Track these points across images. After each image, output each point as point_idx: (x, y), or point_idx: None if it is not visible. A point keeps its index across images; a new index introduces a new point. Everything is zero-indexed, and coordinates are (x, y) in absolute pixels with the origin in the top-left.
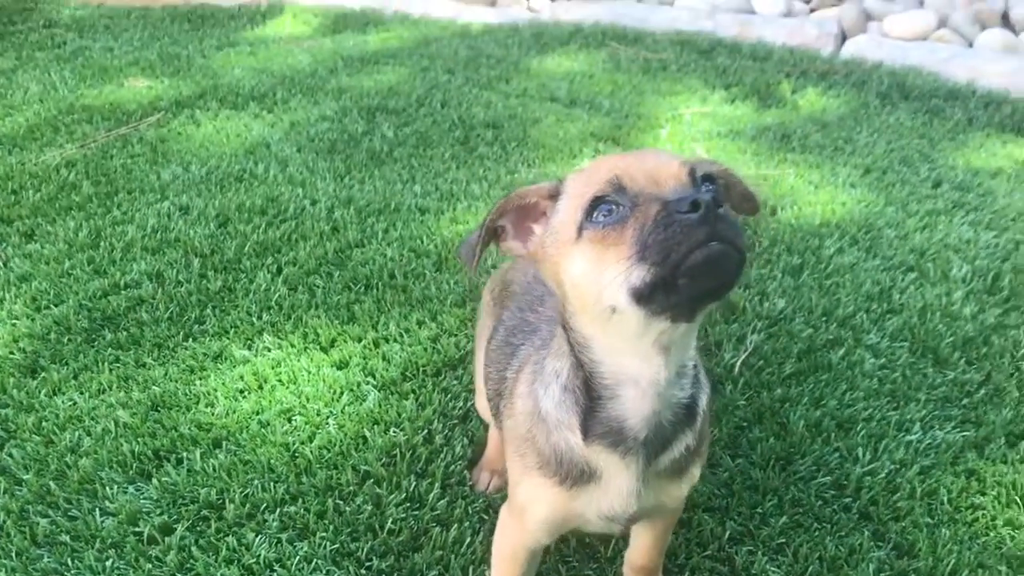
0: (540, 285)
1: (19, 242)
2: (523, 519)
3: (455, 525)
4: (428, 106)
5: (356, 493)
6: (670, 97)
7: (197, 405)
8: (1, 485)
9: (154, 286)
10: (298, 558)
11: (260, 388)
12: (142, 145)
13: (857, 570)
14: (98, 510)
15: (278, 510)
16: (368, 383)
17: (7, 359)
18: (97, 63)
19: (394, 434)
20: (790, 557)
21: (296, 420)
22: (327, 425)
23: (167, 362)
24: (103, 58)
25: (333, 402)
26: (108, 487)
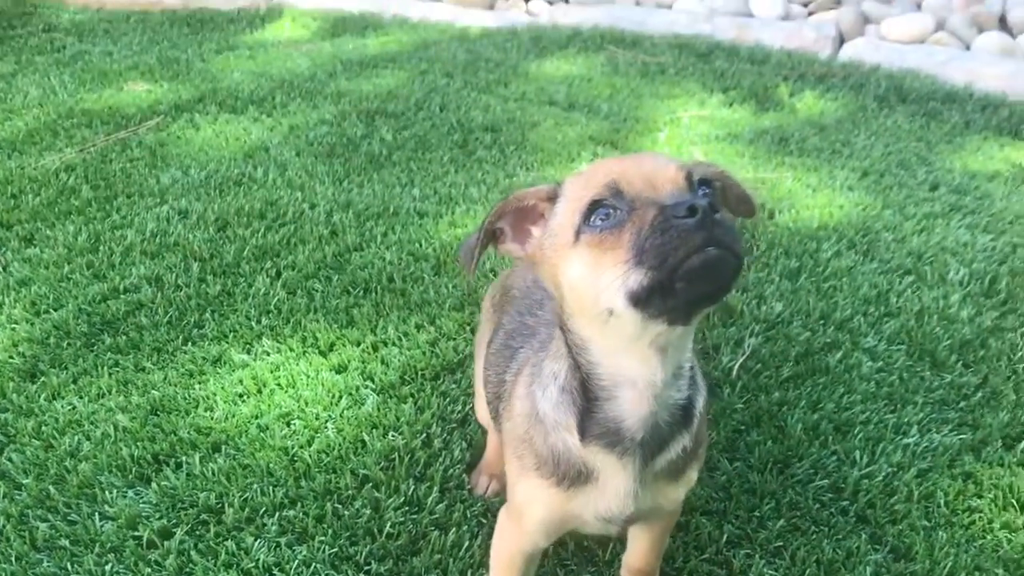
0: (539, 290)
1: (18, 246)
2: (521, 521)
3: (453, 529)
4: (427, 110)
5: (355, 497)
6: (668, 100)
7: (196, 409)
8: (1, 489)
9: (153, 290)
10: (297, 562)
11: (259, 392)
12: (141, 149)
13: (854, 573)
14: (97, 514)
15: (277, 514)
16: (367, 387)
17: (7, 363)
18: (96, 67)
19: (393, 438)
20: (788, 560)
21: (295, 424)
22: (326, 429)
23: (166, 366)
24: (102, 62)
25: (332, 406)
26: (107, 491)
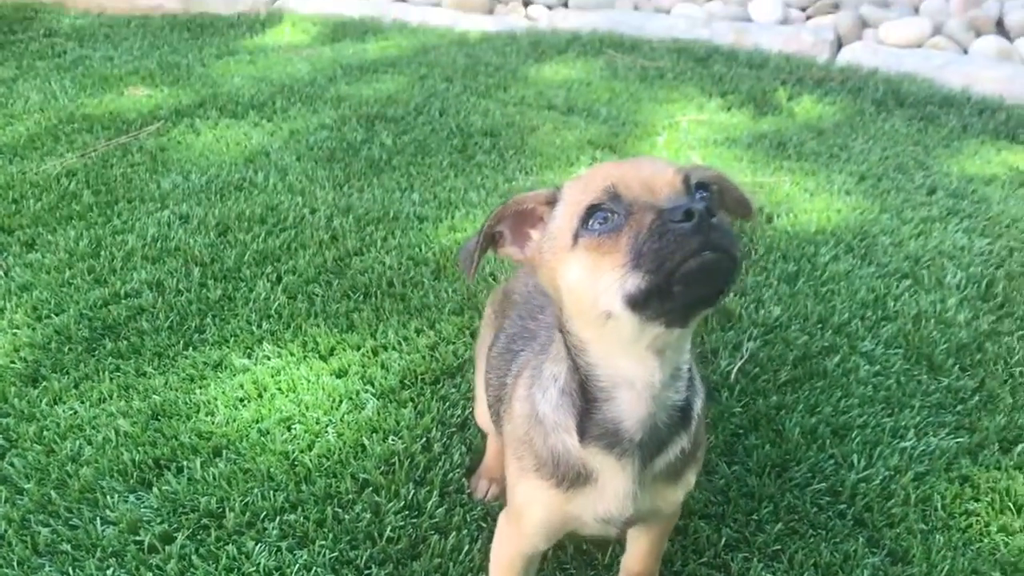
0: (541, 295)
1: (20, 252)
2: (520, 523)
3: (453, 533)
4: (426, 114)
5: (355, 501)
6: (667, 105)
7: (197, 414)
8: (2, 494)
9: (154, 295)
10: (297, 566)
11: (260, 397)
12: (142, 154)
13: None
14: (99, 519)
15: (278, 518)
16: (367, 391)
17: (8, 368)
18: (97, 72)
19: (393, 442)
20: (785, 564)
21: (295, 428)
22: (326, 433)
23: (167, 371)
24: (103, 67)
25: (332, 410)
26: (109, 496)
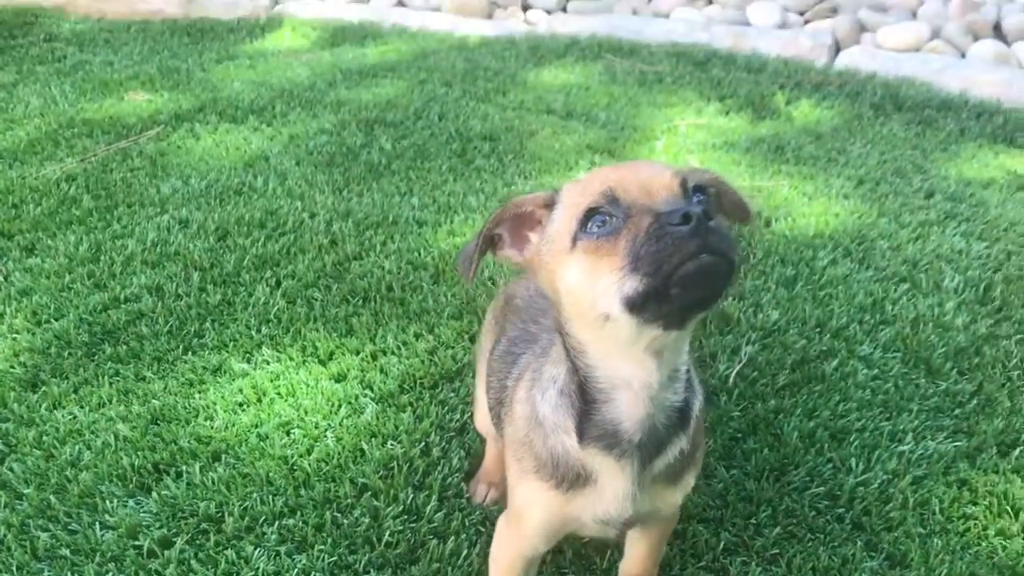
0: (542, 299)
1: (20, 256)
2: (520, 524)
3: (452, 537)
4: (426, 119)
5: (354, 506)
6: (665, 109)
7: (196, 418)
8: (2, 499)
9: (154, 300)
10: (296, 571)
11: (259, 401)
12: (142, 159)
13: None
14: (98, 524)
15: (277, 523)
16: (366, 396)
17: (8, 373)
18: (97, 77)
19: (391, 447)
20: (784, 568)
21: (295, 433)
22: (325, 438)
23: (167, 376)
24: (103, 72)
25: (331, 415)
26: (108, 501)
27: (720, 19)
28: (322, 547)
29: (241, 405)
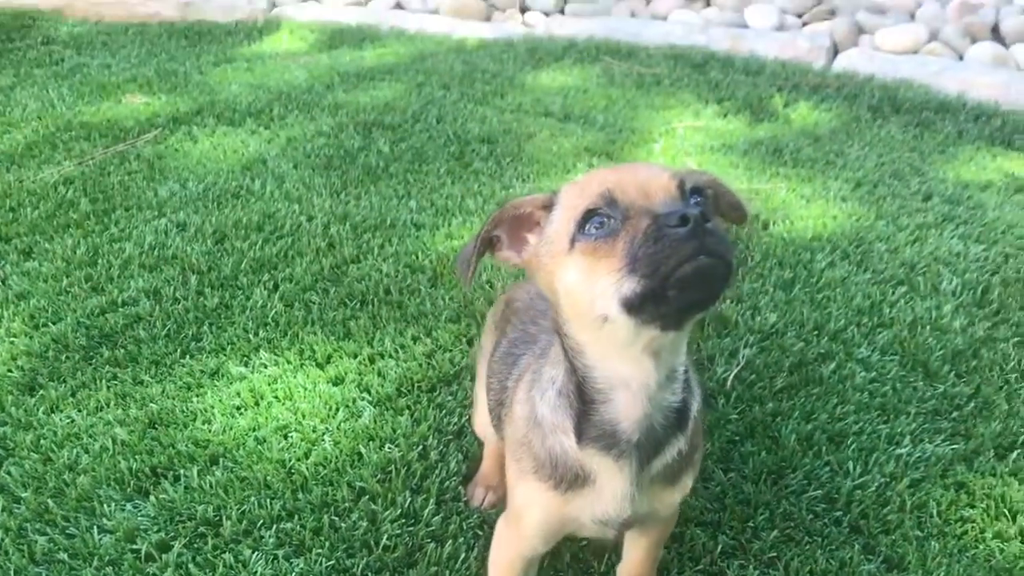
0: (542, 301)
1: (17, 260)
2: (519, 525)
3: (450, 541)
4: (424, 121)
5: (352, 509)
6: (663, 111)
7: (194, 422)
8: (0, 503)
9: (151, 303)
10: (294, 574)
11: (256, 405)
12: (139, 162)
13: None
14: (96, 527)
15: (274, 527)
16: (363, 399)
17: (5, 377)
18: (95, 80)
19: (389, 450)
20: (781, 571)
21: (292, 436)
22: (323, 441)
23: (164, 379)
24: (101, 75)
25: (329, 418)
26: (106, 504)
27: (718, 21)
28: (320, 551)
29: (239, 409)
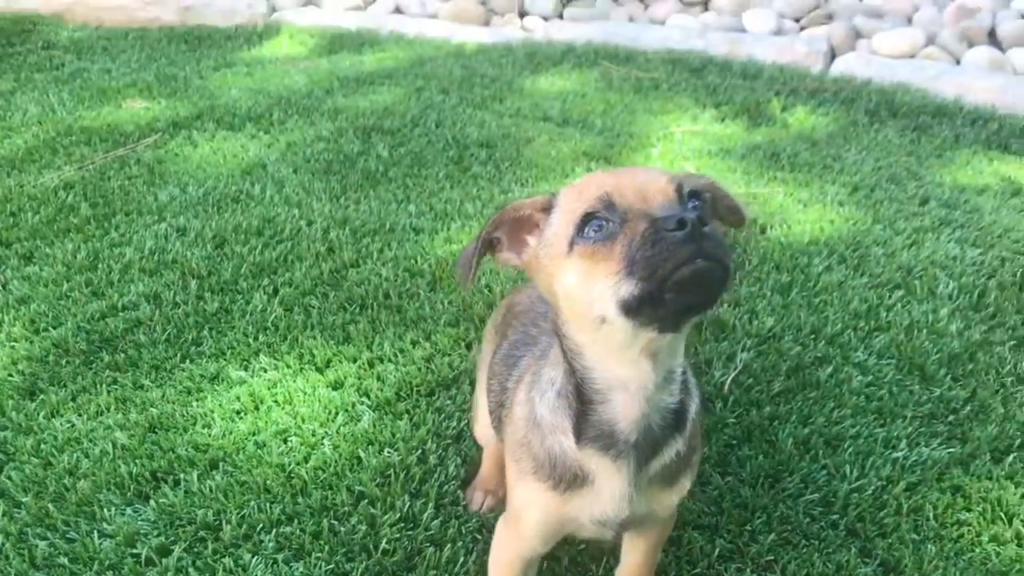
0: (543, 304)
1: (18, 265)
2: (519, 525)
3: (448, 545)
4: (423, 126)
5: (351, 513)
6: (661, 116)
7: (194, 426)
8: (0, 507)
9: (151, 308)
10: None
11: (256, 409)
12: (139, 166)
13: None
14: (96, 532)
15: (274, 531)
16: (363, 403)
17: (6, 381)
18: (95, 85)
19: (388, 454)
20: (778, 574)
21: (292, 441)
22: (322, 446)
23: (164, 384)
24: (101, 80)
25: (328, 422)
26: (106, 509)
27: (716, 26)
28: (319, 555)
29: (238, 413)
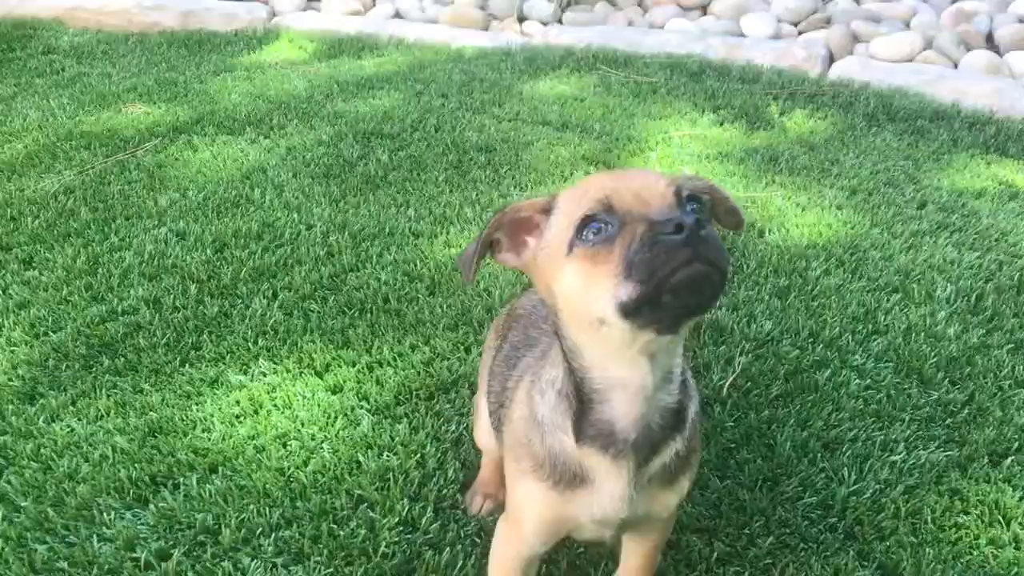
0: (544, 308)
1: (18, 269)
2: (518, 524)
3: (447, 548)
4: (422, 130)
5: (350, 517)
6: (660, 120)
7: (194, 430)
8: None
9: (151, 312)
10: None
11: (256, 413)
12: (139, 171)
13: None
14: (95, 536)
15: (273, 535)
16: (362, 407)
17: (6, 386)
18: (95, 89)
19: (387, 458)
20: None
21: (291, 445)
22: (321, 450)
23: (164, 388)
24: (101, 84)
25: (327, 426)
26: (106, 513)
27: (714, 30)
28: (318, 558)
29: (238, 417)
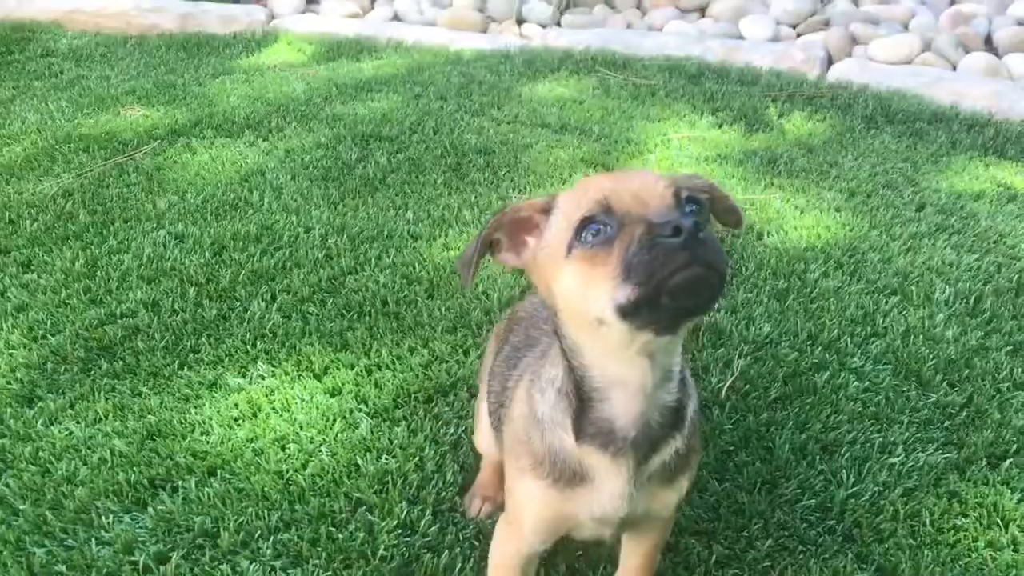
0: (544, 310)
1: (16, 272)
2: (518, 523)
3: (446, 551)
4: (421, 133)
5: (348, 520)
6: (659, 122)
7: (192, 433)
8: None
9: (150, 315)
10: None
11: (254, 416)
12: (138, 174)
13: None
14: (94, 539)
15: (272, 538)
16: (360, 410)
17: (4, 389)
18: (94, 92)
19: (386, 461)
20: None
21: (290, 448)
22: (320, 452)
23: (163, 391)
24: (100, 87)
25: (326, 429)
26: (104, 516)
27: (713, 33)
28: (317, 561)
29: (236, 420)
